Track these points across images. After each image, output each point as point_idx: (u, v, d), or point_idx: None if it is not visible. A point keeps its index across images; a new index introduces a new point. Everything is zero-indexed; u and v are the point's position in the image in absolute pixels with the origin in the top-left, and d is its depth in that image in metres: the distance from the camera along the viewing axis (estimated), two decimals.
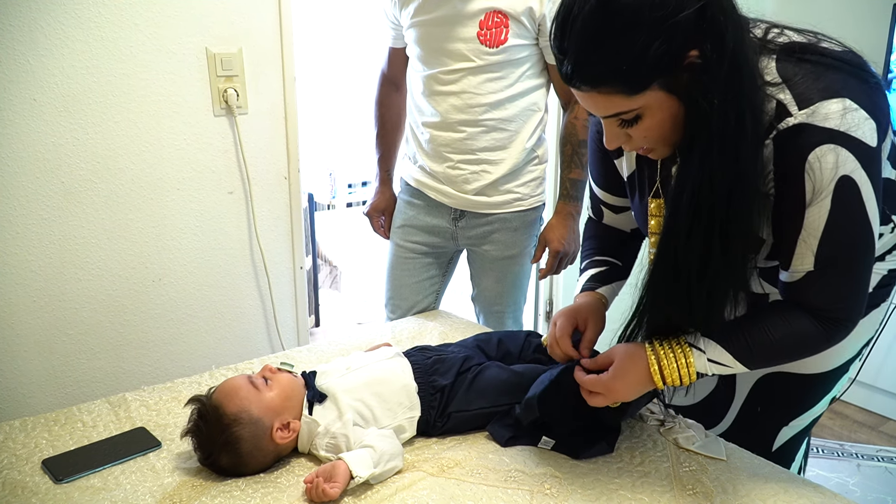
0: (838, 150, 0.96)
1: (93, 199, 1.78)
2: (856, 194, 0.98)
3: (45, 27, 1.64)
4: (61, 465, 1.19)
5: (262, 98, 1.98)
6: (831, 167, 0.96)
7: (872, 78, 1.03)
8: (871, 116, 0.97)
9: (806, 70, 1.00)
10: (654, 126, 1.01)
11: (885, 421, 2.84)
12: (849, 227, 1.00)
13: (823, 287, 1.04)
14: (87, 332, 1.85)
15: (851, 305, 1.05)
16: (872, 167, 0.98)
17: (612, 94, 0.97)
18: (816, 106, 0.96)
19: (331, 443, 1.19)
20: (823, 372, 1.25)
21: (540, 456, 1.22)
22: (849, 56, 1.04)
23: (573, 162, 1.83)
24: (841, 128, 0.96)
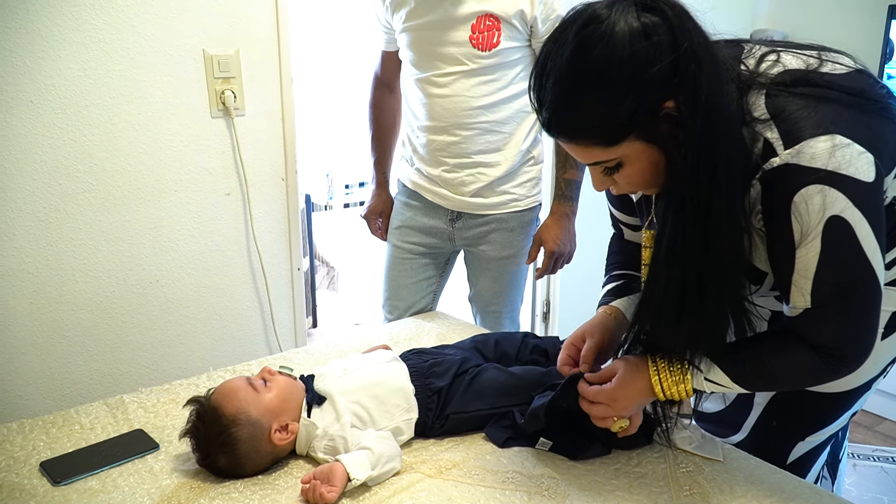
0: (826, 190, 0.93)
1: (90, 201, 1.78)
2: (848, 234, 0.95)
3: (43, 30, 1.64)
4: (59, 468, 1.19)
5: (259, 100, 1.98)
6: (818, 209, 0.94)
7: (875, 104, 1.00)
8: (869, 149, 0.94)
9: (797, 104, 0.97)
10: (635, 173, 1.00)
11: (881, 421, 2.85)
12: (843, 267, 0.98)
13: (822, 325, 1.02)
14: (84, 333, 1.85)
15: (853, 344, 1.03)
16: (869, 203, 0.95)
17: (589, 146, 0.97)
18: (802, 145, 0.94)
19: (329, 445, 1.19)
20: (845, 391, 1.22)
21: (538, 457, 1.23)
22: (850, 81, 1.01)
23: (567, 162, 1.83)
24: (829, 167, 0.93)
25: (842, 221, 0.94)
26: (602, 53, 0.89)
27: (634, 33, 0.89)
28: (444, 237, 1.94)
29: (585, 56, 0.90)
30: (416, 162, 1.90)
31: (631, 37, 0.89)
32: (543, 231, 1.89)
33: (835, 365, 1.03)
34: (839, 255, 0.96)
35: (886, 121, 1.01)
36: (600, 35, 0.89)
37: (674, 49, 0.89)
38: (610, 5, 0.91)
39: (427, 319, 1.88)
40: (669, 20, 0.90)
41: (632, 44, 0.88)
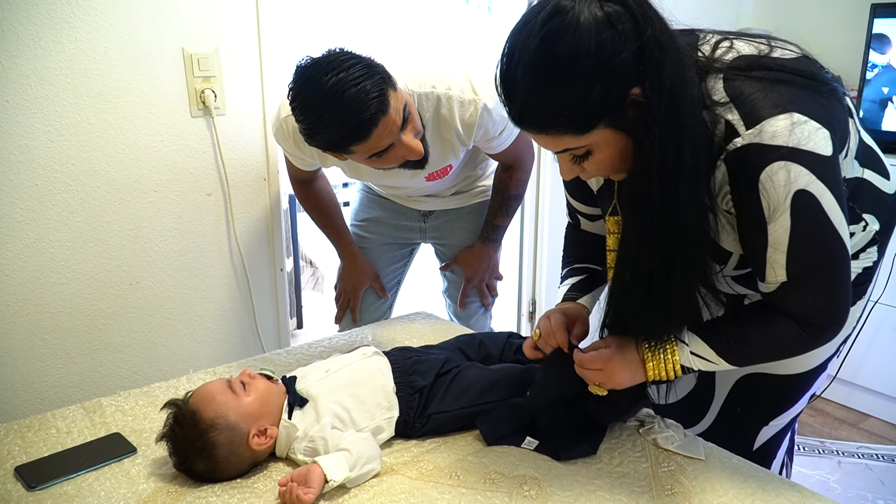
0: (789, 165, 0.96)
1: (68, 202, 1.76)
2: (815, 206, 0.98)
3: (18, 28, 1.61)
4: (34, 473, 1.17)
5: (240, 99, 1.96)
6: (783, 184, 0.97)
7: (824, 85, 1.04)
8: (824, 125, 0.98)
9: (754, 87, 1.00)
10: (604, 160, 1.03)
11: (865, 418, 2.86)
12: (814, 239, 1.01)
13: (800, 297, 1.05)
14: (63, 336, 1.82)
15: (831, 311, 1.06)
16: (830, 176, 0.99)
17: (560, 135, 0.99)
18: (763, 124, 0.97)
19: (309, 447, 1.18)
20: (803, 372, 1.26)
21: (519, 458, 1.22)
22: (800, 64, 1.05)
23: (500, 212, 1.89)
24: (790, 143, 0.96)
25: (807, 195, 0.97)
26: (569, 44, 0.91)
27: (599, 23, 0.91)
28: (415, 231, 1.98)
29: (553, 48, 0.92)
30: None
31: (596, 26, 0.90)
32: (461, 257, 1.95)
33: (816, 333, 1.07)
34: (808, 226, 1.00)
35: (835, 101, 1.05)
36: (567, 26, 0.91)
37: (638, 37, 0.92)
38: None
39: (411, 320, 1.87)
40: (631, 8, 0.92)
41: (598, 33, 0.90)
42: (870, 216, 1.19)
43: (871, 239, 1.21)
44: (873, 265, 1.23)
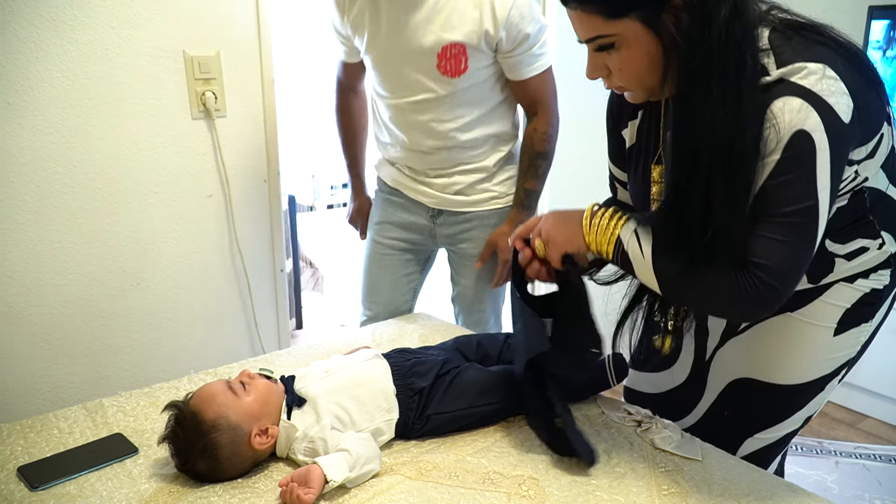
0: (806, 106, 0.95)
1: (69, 204, 1.77)
2: (809, 154, 0.96)
3: (19, 30, 1.62)
4: (37, 473, 1.18)
5: (240, 101, 1.97)
6: (791, 119, 0.95)
7: (870, 72, 1.03)
8: (852, 96, 0.96)
9: (797, 42, 1.00)
10: (629, 59, 1.02)
11: (862, 418, 2.87)
12: (792, 185, 0.98)
13: (753, 238, 1.01)
14: (64, 337, 1.83)
15: (777, 266, 1.00)
16: (837, 140, 0.96)
17: (592, 15, 1.00)
18: (796, 65, 0.97)
19: (308, 447, 1.19)
20: (794, 385, 1.24)
21: (518, 458, 1.23)
22: (852, 46, 1.04)
23: (529, 172, 1.85)
24: (814, 88, 0.95)
25: (808, 139, 0.95)
26: None
27: None
28: (426, 233, 1.94)
29: None
30: (399, 163, 1.90)
31: None
32: (497, 236, 1.89)
33: (754, 284, 1.00)
34: (793, 174, 0.97)
35: (874, 88, 1.03)
36: None
37: None
38: None
39: (410, 321, 1.88)
40: None
41: None
42: (889, 235, 1.16)
43: (886, 261, 1.18)
44: (884, 289, 1.20)
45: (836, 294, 1.19)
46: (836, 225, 1.11)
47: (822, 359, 1.22)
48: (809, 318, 1.20)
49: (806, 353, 1.22)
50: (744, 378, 1.29)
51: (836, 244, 1.15)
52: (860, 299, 1.19)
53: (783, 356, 1.24)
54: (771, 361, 1.25)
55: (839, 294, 1.18)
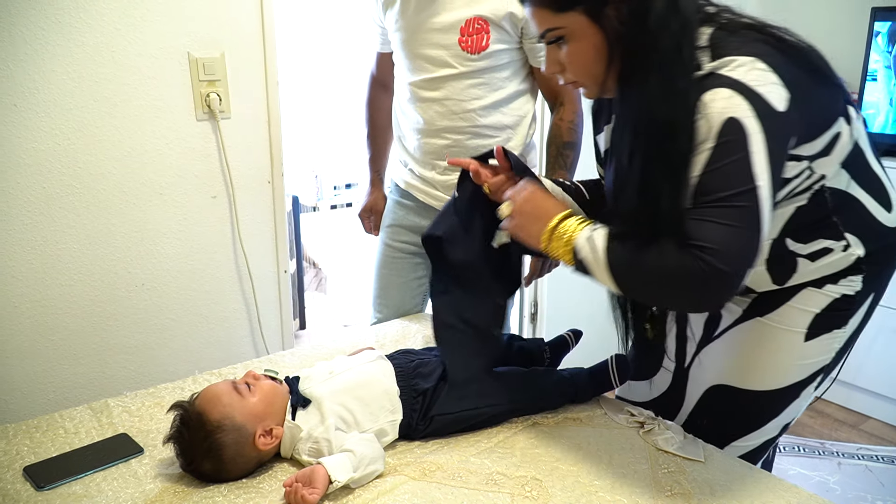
0: (734, 95, 0.98)
1: (74, 205, 1.78)
2: (741, 140, 0.97)
3: (26, 32, 1.63)
4: (43, 473, 1.19)
5: (245, 102, 1.98)
6: (721, 108, 0.98)
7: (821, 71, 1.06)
8: (787, 87, 0.99)
9: (736, 39, 1.03)
10: (577, 52, 1.08)
11: (865, 419, 2.87)
12: (728, 171, 0.99)
13: (697, 224, 1.01)
14: (69, 337, 1.84)
15: (723, 247, 0.99)
16: (772, 125, 0.98)
17: (542, 9, 1.08)
18: (726, 59, 1.00)
19: (313, 447, 1.19)
20: (768, 391, 1.26)
21: (521, 459, 1.23)
22: (803, 46, 1.07)
23: (557, 163, 1.84)
24: (743, 78, 0.98)
25: (739, 125, 0.97)
26: None
27: None
28: None
29: None
30: (410, 163, 1.91)
31: None
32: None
33: (702, 268, 0.99)
34: (727, 158, 0.98)
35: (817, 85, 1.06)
36: None
37: None
38: None
39: (414, 321, 1.88)
40: None
41: None
42: (853, 238, 1.17)
43: (854, 265, 1.19)
44: (856, 295, 1.21)
45: (805, 299, 1.20)
46: (797, 224, 1.14)
47: (794, 364, 1.23)
48: (779, 322, 1.22)
49: (777, 359, 1.24)
50: (720, 385, 1.30)
51: (798, 244, 1.17)
52: (830, 305, 1.20)
53: (755, 362, 1.25)
54: (744, 367, 1.27)
55: (808, 299, 1.20)
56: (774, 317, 1.22)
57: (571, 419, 1.37)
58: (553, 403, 1.40)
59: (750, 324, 1.25)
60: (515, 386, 1.38)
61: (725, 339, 1.30)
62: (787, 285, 1.21)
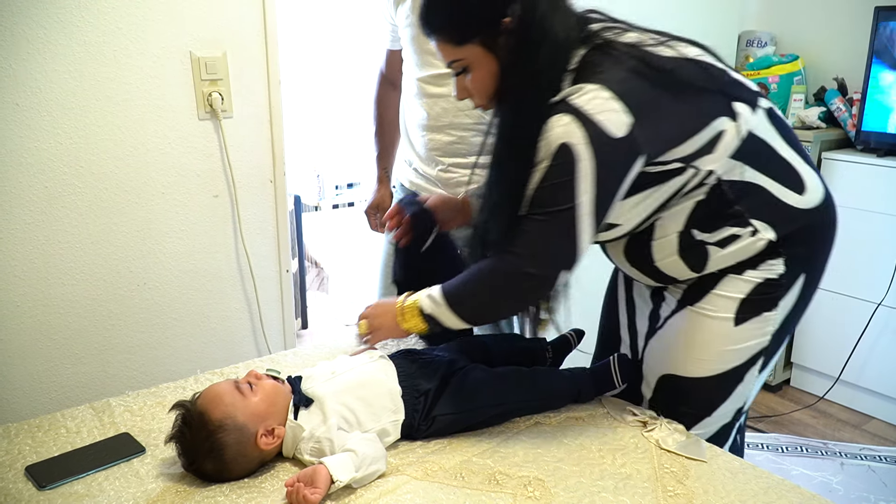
0: (572, 122, 1.10)
1: (76, 204, 1.78)
2: (570, 163, 1.10)
3: (27, 31, 1.63)
4: (45, 472, 1.19)
5: (247, 101, 1.97)
6: (558, 134, 1.10)
7: (679, 84, 1.15)
8: (632, 112, 1.09)
9: (598, 61, 1.14)
10: (478, 80, 1.20)
11: (868, 419, 2.87)
12: (552, 190, 1.13)
13: (523, 234, 1.18)
14: (71, 337, 1.84)
15: (532, 253, 1.18)
16: (606, 153, 1.10)
17: (444, 43, 1.19)
18: (577, 87, 1.11)
19: (315, 447, 1.19)
20: (708, 377, 1.31)
21: (524, 459, 1.23)
22: (668, 62, 1.16)
23: None
24: (584, 107, 1.09)
25: (569, 151, 1.10)
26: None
27: None
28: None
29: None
30: (415, 161, 1.92)
31: None
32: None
33: (514, 271, 1.19)
34: (554, 180, 1.13)
35: (677, 101, 1.15)
36: None
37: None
38: None
39: None
40: None
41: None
42: (760, 223, 1.23)
43: (769, 249, 1.25)
44: (780, 278, 1.26)
45: (728, 285, 1.27)
46: (700, 215, 1.23)
47: (729, 349, 1.29)
48: (707, 310, 1.29)
49: (711, 345, 1.30)
50: (666, 374, 1.37)
51: (704, 233, 1.25)
52: (754, 290, 1.27)
53: (692, 349, 1.32)
54: (683, 356, 1.33)
55: (731, 285, 1.27)
56: (703, 305, 1.29)
57: (574, 418, 1.37)
58: (555, 403, 1.40)
59: (683, 313, 1.32)
60: (518, 385, 1.38)
61: (666, 329, 1.37)
62: (706, 272, 1.28)
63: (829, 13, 3.07)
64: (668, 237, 1.27)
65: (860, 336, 2.81)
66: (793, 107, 3.02)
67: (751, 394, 1.37)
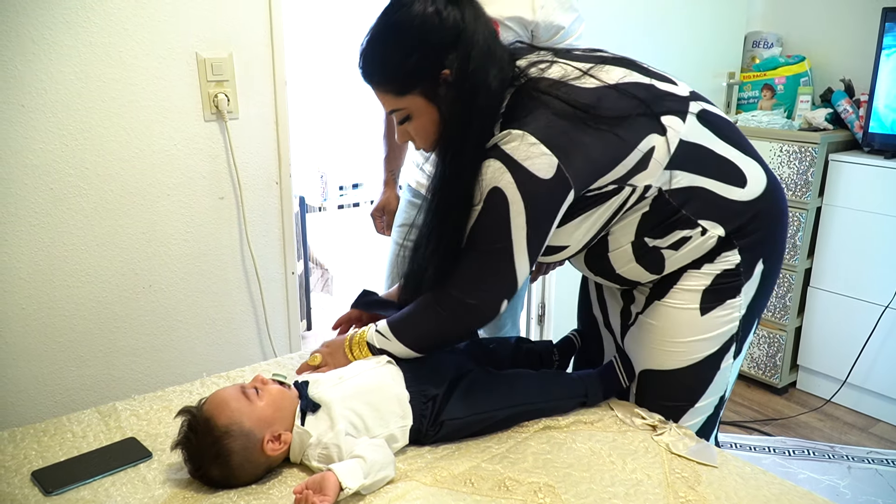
0: (502, 168, 1.16)
1: (82, 206, 1.77)
2: (502, 206, 1.17)
3: (34, 32, 1.62)
4: (51, 477, 1.18)
5: (252, 103, 1.97)
6: (490, 178, 1.17)
7: (596, 119, 1.19)
8: (557, 153, 1.15)
9: (523, 104, 1.20)
10: (420, 127, 1.24)
11: (874, 422, 2.86)
12: (488, 228, 1.21)
13: (460, 269, 1.25)
14: (77, 339, 1.83)
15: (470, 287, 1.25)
16: (534, 195, 1.17)
17: (386, 93, 1.23)
18: (504, 132, 1.17)
19: (323, 453, 1.18)
20: (684, 367, 1.36)
21: (533, 464, 1.22)
22: (587, 96, 1.21)
23: None
24: (513, 154, 1.16)
25: (501, 194, 1.17)
26: (402, 15, 1.17)
27: (430, 8, 1.16)
28: None
29: (390, 15, 1.19)
30: (422, 163, 1.91)
31: (425, 10, 1.15)
32: None
33: (456, 305, 1.26)
34: (488, 220, 1.20)
35: (600, 133, 1.20)
36: (404, 3, 1.17)
37: (457, 28, 1.16)
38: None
39: None
40: (463, 11, 1.17)
41: (425, 13, 1.15)
42: (708, 222, 1.29)
43: (720, 243, 1.30)
44: (737, 267, 1.32)
45: (688, 279, 1.33)
46: (649, 225, 1.29)
47: (700, 338, 1.34)
48: (673, 303, 1.34)
49: (681, 335, 1.34)
50: (645, 370, 1.40)
51: (656, 239, 1.30)
52: (714, 280, 1.32)
53: (665, 343, 1.36)
54: (658, 350, 1.37)
55: (691, 279, 1.32)
56: (668, 299, 1.34)
57: (583, 423, 1.36)
58: (564, 406, 1.39)
59: (652, 309, 1.37)
60: (526, 388, 1.37)
61: (638, 326, 1.41)
62: (666, 272, 1.34)
63: (835, 14, 3.05)
64: (622, 248, 1.32)
65: (867, 339, 2.79)
66: (799, 108, 3.01)
67: (729, 382, 1.41)
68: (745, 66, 3.23)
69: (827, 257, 2.90)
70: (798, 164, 2.82)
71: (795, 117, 3.01)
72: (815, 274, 2.95)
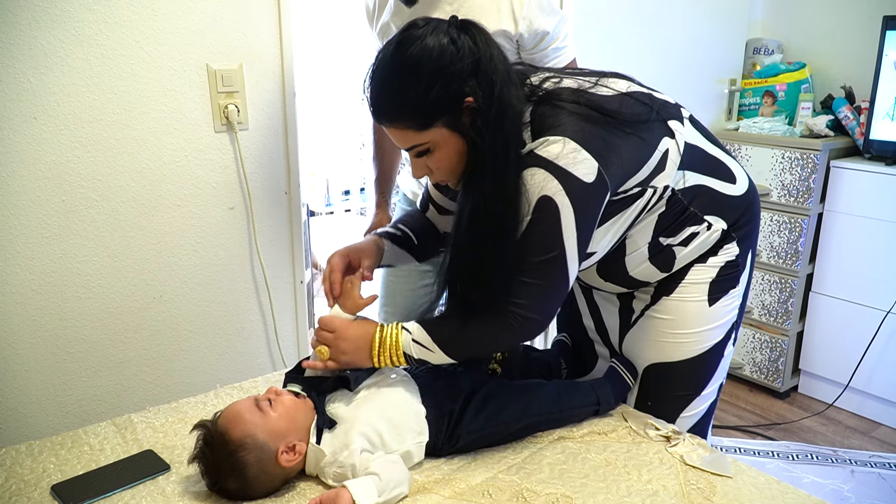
0: (548, 176, 1.15)
1: (93, 217, 1.78)
2: (553, 214, 1.16)
3: (46, 45, 1.63)
4: (71, 491, 1.18)
5: (262, 114, 1.98)
6: (537, 187, 1.16)
7: (622, 123, 1.22)
8: (596, 157, 1.16)
9: (551, 113, 1.20)
10: (443, 158, 1.21)
11: (877, 426, 2.88)
12: (541, 239, 1.19)
13: (515, 285, 1.21)
14: (88, 350, 1.84)
15: (534, 306, 1.23)
16: (582, 199, 1.17)
17: (406, 130, 1.18)
18: (543, 140, 1.17)
19: (338, 472, 1.18)
20: (695, 357, 1.41)
21: (550, 475, 1.23)
22: (609, 103, 1.23)
23: None
24: (558, 161, 1.15)
25: (551, 201, 1.16)
26: (416, 49, 1.13)
27: (444, 39, 1.14)
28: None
29: (404, 51, 1.14)
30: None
31: (440, 41, 1.13)
32: None
33: (517, 321, 1.22)
34: (541, 227, 1.18)
35: (627, 136, 1.23)
36: (417, 36, 1.14)
37: (474, 55, 1.14)
38: (428, 20, 1.17)
39: None
40: (475, 37, 1.16)
41: (440, 45, 1.13)
42: (712, 217, 1.36)
43: (723, 237, 1.38)
44: (737, 258, 1.40)
45: (696, 273, 1.39)
46: (664, 225, 1.34)
47: (708, 328, 1.40)
48: (683, 297, 1.39)
49: (692, 326, 1.40)
50: (654, 364, 1.44)
51: (669, 238, 1.35)
52: (719, 272, 1.39)
53: (675, 334, 1.41)
54: (669, 342, 1.42)
55: (698, 273, 1.39)
56: (677, 294, 1.40)
57: (597, 433, 1.37)
58: (578, 414, 1.40)
59: (660, 304, 1.41)
60: (540, 399, 1.37)
61: (642, 323, 1.45)
62: (674, 270, 1.39)
63: (836, 21, 3.07)
64: (639, 250, 1.36)
65: (869, 343, 2.81)
66: (800, 115, 3.03)
67: (726, 368, 1.49)
68: (746, 73, 3.25)
69: (828, 263, 2.92)
70: (800, 171, 2.84)
71: (797, 124, 3.03)
72: (816, 279, 2.97)
